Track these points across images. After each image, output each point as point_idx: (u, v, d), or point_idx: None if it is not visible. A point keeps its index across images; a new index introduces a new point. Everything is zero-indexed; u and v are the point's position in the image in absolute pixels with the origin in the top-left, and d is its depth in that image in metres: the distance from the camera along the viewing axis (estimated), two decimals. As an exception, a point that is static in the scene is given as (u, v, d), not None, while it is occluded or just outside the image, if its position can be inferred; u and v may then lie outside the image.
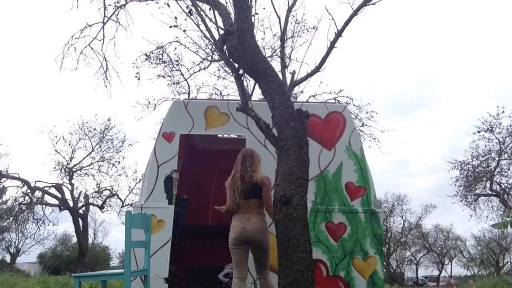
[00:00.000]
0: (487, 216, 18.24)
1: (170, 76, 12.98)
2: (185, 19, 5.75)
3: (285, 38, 10.21)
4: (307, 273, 3.49)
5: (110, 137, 18.68)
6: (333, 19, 5.56)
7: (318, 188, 5.10)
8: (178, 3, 5.33)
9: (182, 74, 12.85)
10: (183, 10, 5.18)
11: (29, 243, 25.70)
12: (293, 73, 10.15)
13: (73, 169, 18.72)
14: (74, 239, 25.62)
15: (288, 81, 9.93)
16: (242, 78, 4.74)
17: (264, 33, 11.49)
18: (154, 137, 7.72)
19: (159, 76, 12.76)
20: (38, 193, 18.32)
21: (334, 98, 12.89)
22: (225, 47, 4.50)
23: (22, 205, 18.02)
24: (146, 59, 11.76)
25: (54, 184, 18.32)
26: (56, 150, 18.25)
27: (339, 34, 5.77)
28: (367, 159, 5.31)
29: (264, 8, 11.15)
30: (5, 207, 18.16)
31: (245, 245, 4.05)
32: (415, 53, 55.38)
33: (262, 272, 4.11)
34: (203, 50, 11.31)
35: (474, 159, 17.92)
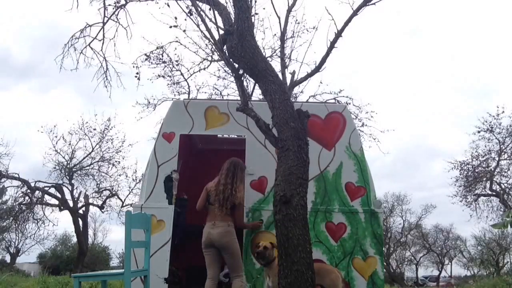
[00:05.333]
0: (487, 216, 18.27)
1: (170, 76, 13.00)
2: (185, 19, 5.74)
3: (285, 38, 10.21)
4: (307, 273, 3.49)
5: (110, 137, 18.67)
6: (333, 19, 5.55)
7: (318, 188, 5.10)
8: (178, 3, 5.32)
9: (182, 74, 12.87)
10: (183, 10, 5.17)
11: (29, 243, 25.68)
12: (293, 73, 10.16)
13: (73, 169, 18.71)
14: (74, 239, 25.61)
15: (288, 81, 9.93)
16: (242, 78, 4.73)
17: (264, 33, 11.51)
18: (154, 137, 7.73)
19: (159, 76, 12.78)
20: (38, 193, 18.31)
21: (334, 98, 12.90)
22: (225, 47, 4.50)
23: (22, 205, 18.01)
24: (146, 59, 11.77)
25: (54, 184, 18.31)
26: (56, 150, 18.26)
27: (339, 34, 5.77)
28: (367, 159, 5.32)
29: (264, 8, 11.15)
30: (5, 207, 18.15)
31: (212, 248, 4.51)
32: (414, 53, 55.36)
33: (231, 276, 4.53)
34: (203, 50, 11.31)
35: (474, 159, 17.94)
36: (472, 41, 57.67)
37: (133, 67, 9.71)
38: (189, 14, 5.06)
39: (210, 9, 4.61)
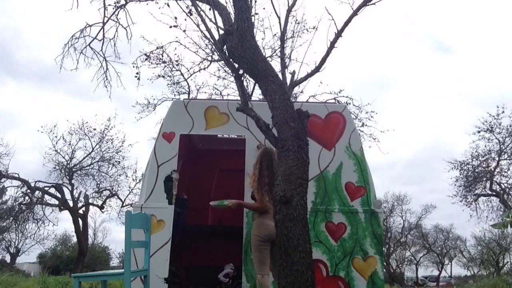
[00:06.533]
0: (487, 216, 18.26)
1: (170, 76, 13.00)
2: (185, 19, 5.77)
3: (285, 38, 10.19)
4: (307, 273, 3.48)
5: (110, 137, 18.65)
6: (333, 19, 5.54)
7: (318, 188, 5.11)
8: (178, 3, 5.35)
9: (182, 74, 12.88)
10: (183, 10, 5.19)
11: (29, 243, 25.69)
12: (293, 73, 10.14)
13: (73, 169, 18.70)
14: (74, 239, 25.62)
15: (288, 81, 9.92)
16: (242, 78, 4.73)
17: (264, 33, 11.54)
18: (154, 137, 7.74)
19: (159, 76, 12.78)
20: (38, 193, 18.31)
21: (334, 98, 12.91)
22: (225, 47, 4.50)
23: (22, 205, 18.01)
24: (146, 59, 11.77)
25: (54, 184, 18.29)
26: (56, 150, 18.24)
27: (339, 34, 5.76)
28: (367, 159, 5.32)
29: (264, 8, 11.17)
30: (5, 207, 18.15)
31: (270, 243, 4.28)
32: (414, 53, 55.34)
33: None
34: (203, 50, 11.33)
35: (474, 159, 17.94)
36: (473, 41, 57.53)
37: (133, 67, 9.72)
38: (189, 14, 5.08)
39: (210, 9, 4.62)
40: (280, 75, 5.85)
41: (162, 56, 12.17)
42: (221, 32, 4.48)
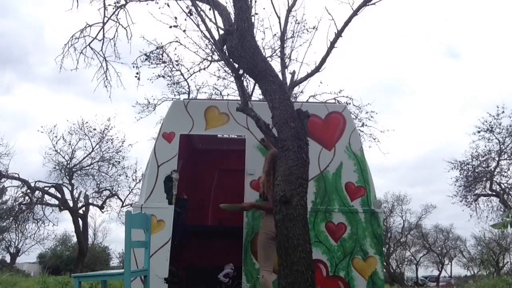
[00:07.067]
0: (487, 216, 18.25)
1: (170, 76, 12.99)
2: (185, 19, 5.75)
3: (285, 38, 10.17)
4: (307, 273, 3.49)
5: (110, 137, 18.65)
6: (333, 19, 5.53)
7: (318, 188, 5.11)
8: (178, 3, 5.33)
9: (182, 74, 12.86)
10: (183, 10, 5.18)
11: (29, 243, 25.65)
12: (293, 73, 10.13)
13: (73, 169, 18.70)
14: (74, 239, 25.61)
15: (288, 81, 9.91)
16: (242, 78, 4.74)
17: (264, 33, 11.50)
18: (154, 137, 7.73)
19: (159, 76, 12.78)
20: (38, 193, 18.31)
21: (334, 98, 12.90)
22: (225, 47, 4.50)
23: (22, 205, 18.01)
24: (146, 59, 11.75)
25: (54, 184, 18.29)
26: (56, 150, 18.24)
27: (339, 34, 5.74)
28: (367, 159, 5.32)
29: (264, 8, 11.17)
30: (5, 207, 18.15)
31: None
32: (418, 55, 55.40)
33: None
34: (203, 50, 11.30)
35: (474, 159, 17.93)
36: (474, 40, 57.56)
37: (133, 67, 9.71)
38: (189, 14, 5.07)
39: (210, 9, 4.62)
40: (280, 75, 5.84)
41: (162, 56, 12.17)
42: (221, 32, 4.48)
